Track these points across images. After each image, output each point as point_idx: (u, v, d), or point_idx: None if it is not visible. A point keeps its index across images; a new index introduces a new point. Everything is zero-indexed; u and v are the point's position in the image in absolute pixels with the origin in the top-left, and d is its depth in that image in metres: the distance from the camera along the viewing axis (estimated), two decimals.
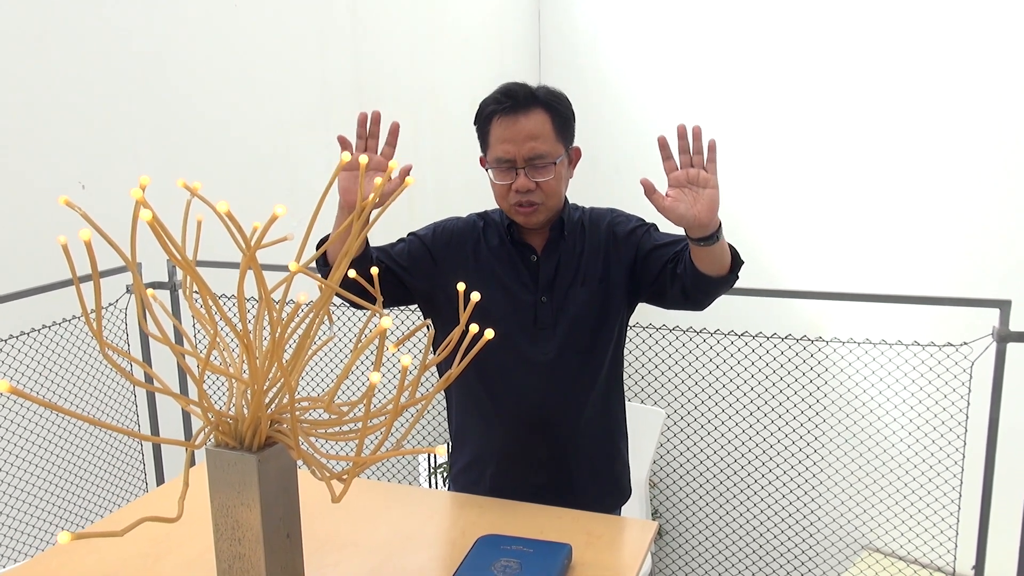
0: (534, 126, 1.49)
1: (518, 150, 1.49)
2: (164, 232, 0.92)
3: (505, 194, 1.53)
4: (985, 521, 2.03)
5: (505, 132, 1.50)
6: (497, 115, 1.51)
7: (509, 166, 1.51)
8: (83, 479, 2.51)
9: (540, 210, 1.53)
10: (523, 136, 1.49)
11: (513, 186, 1.51)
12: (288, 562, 1.08)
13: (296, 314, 1.02)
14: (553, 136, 1.51)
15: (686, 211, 1.36)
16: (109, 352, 0.97)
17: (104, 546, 1.33)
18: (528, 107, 1.50)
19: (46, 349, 2.35)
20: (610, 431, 1.69)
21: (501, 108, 1.51)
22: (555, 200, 1.55)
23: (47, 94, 2.37)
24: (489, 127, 1.53)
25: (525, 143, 1.49)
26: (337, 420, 1.07)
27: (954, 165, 3.32)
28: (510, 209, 1.55)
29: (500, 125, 1.51)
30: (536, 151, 1.49)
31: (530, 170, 1.50)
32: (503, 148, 1.50)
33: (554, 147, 1.51)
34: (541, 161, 1.50)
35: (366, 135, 1.41)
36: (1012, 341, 1.94)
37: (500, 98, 1.52)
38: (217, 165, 2.88)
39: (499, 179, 1.53)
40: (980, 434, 2.02)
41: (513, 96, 1.51)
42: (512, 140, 1.49)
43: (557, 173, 1.52)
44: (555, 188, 1.53)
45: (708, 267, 1.43)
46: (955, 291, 3.27)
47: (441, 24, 3.89)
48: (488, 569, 1.19)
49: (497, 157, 1.51)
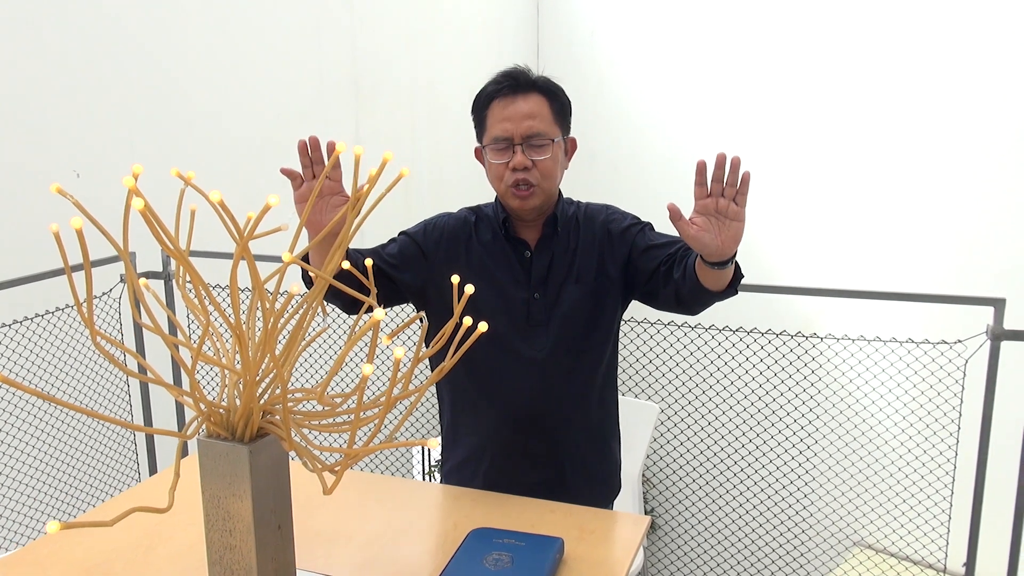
0: (532, 107, 1.51)
1: (516, 128, 1.50)
2: (156, 221, 0.91)
3: (501, 174, 1.53)
4: (977, 518, 2.03)
5: (504, 111, 1.52)
6: (496, 97, 1.53)
7: (507, 144, 1.52)
8: (75, 469, 2.50)
9: (536, 193, 1.53)
10: (521, 115, 1.51)
11: (510, 164, 1.51)
12: (279, 553, 1.08)
13: (289, 305, 1.02)
14: (551, 118, 1.53)
15: (710, 241, 1.33)
16: (101, 342, 0.96)
17: (96, 536, 1.33)
18: (527, 90, 1.52)
19: (38, 338, 2.34)
20: (603, 429, 1.68)
21: (500, 89, 1.53)
22: (550, 183, 1.55)
23: (42, 82, 2.36)
24: (487, 110, 1.55)
25: (523, 121, 1.50)
26: (329, 412, 1.07)
27: (949, 163, 3.33)
28: (506, 192, 1.54)
29: (499, 106, 1.53)
30: (534, 129, 1.50)
31: (527, 148, 1.51)
32: (501, 127, 1.51)
33: (551, 128, 1.53)
34: (539, 139, 1.51)
35: (310, 163, 1.39)
36: (1006, 339, 1.95)
37: (500, 79, 1.54)
38: (212, 155, 2.87)
39: (496, 158, 1.53)
40: (973, 432, 2.02)
41: (513, 78, 1.53)
42: (510, 119, 1.51)
43: (554, 155, 1.53)
44: (551, 170, 1.53)
45: (711, 283, 1.43)
46: (950, 289, 3.28)
47: (438, 17, 3.87)
48: (480, 562, 1.18)
49: (495, 136, 1.52)
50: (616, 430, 1.73)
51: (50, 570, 1.25)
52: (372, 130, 3.43)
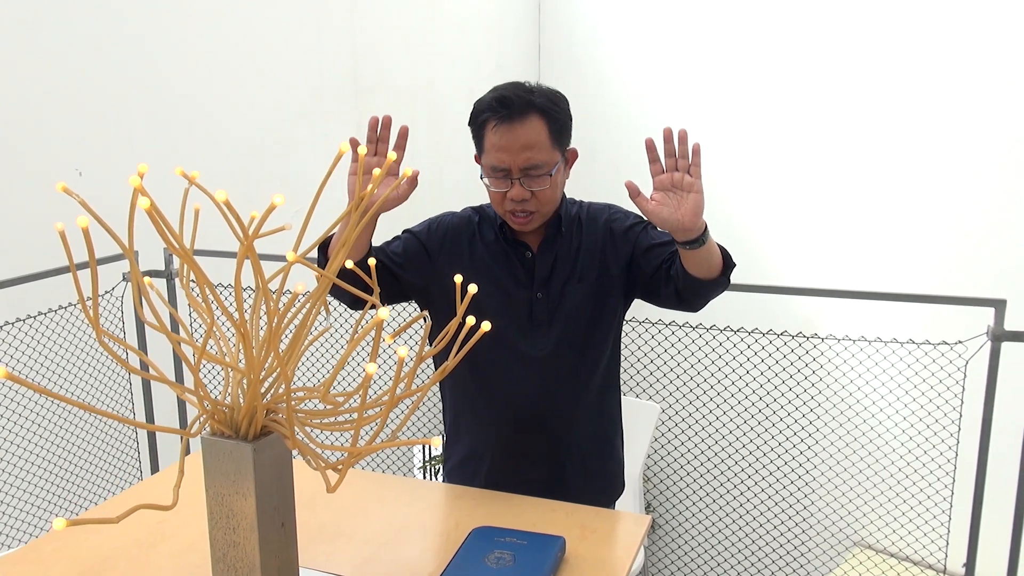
0: (529, 135, 1.45)
1: (513, 160, 1.46)
2: (162, 219, 0.92)
3: (500, 201, 1.52)
4: (977, 519, 2.04)
5: (500, 140, 1.46)
6: (492, 122, 1.47)
7: (504, 175, 1.48)
8: (78, 467, 2.51)
9: (535, 218, 1.52)
10: (519, 146, 1.45)
11: (508, 195, 1.49)
12: (282, 551, 1.09)
13: (293, 304, 1.02)
14: (549, 144, 1.48)
15: (670, 215, 1.36)
16: (106, 340, 0.97)
17: (99, 533, 1.33)
18: (524, 114, 1.45)
19: (42, 336, 2.35)
20: (605, 428, 1.68)
21: (496, 116, 1.46)
22: (550, 207, 1.53)
23: (44, 81, 2.36)
24: (484, 132, 1.50)
25: (520, 153, 1.45)
26: (333, 410, 1.07)
27: (950, 163, 3.33)
28: (505, 215, 1.54)
29: (495, 133, 1.47)
30: (532, 161, 1.46)
31: (525, 180, 1.47)
32: (498, 157, 1.47)
33: (550, 155, 1.48)
34: (536, 171, 1.47)
35: (376, 139, 1.41)
36: (1007, 340, 1.95)
37: (495, 105, 1.47)
38: (214, 155, 2.88)
39: (494, 187, 1.51)
40: (973, 433, 2.03)
41: (508, 105, 1.45)
42: (507, 149, 1.46)
43: (553, 181, 1.50)
44: (551, 196, 1.51)
45: (697, 269, 1.43)
46: (950, 290, 3.28)
47: (439, 16, 3.87)
48: (482, 561, 1.19)
49: (492, 165, 1.48)
50: (619, 429, 1.74)
51: (53, 568, 1.25)
52: None
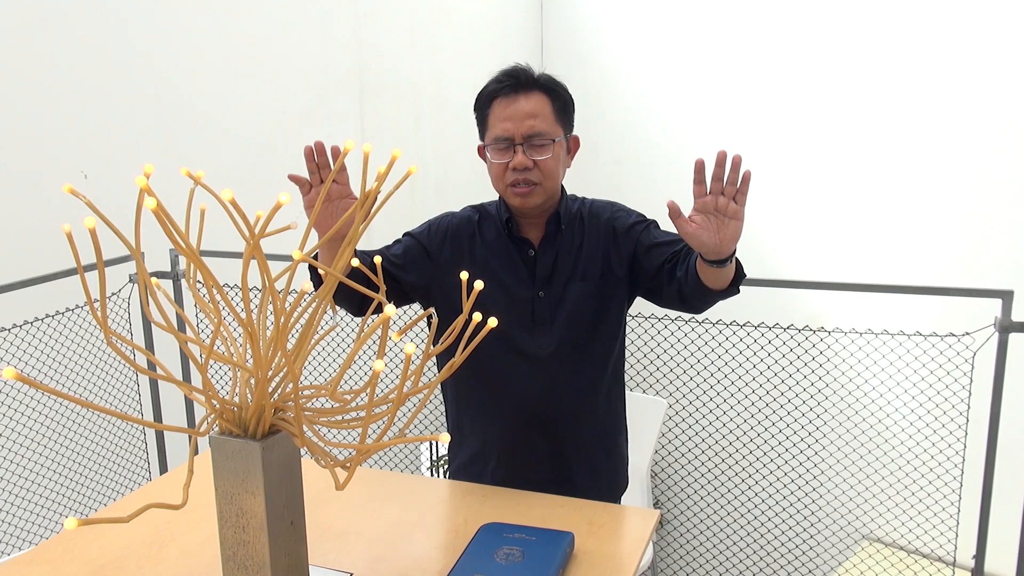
0: (534, 106, 1.51)
1: (517, 128, 1.50)
2: (168, 220, 0.92)
3: (502, 174, 1.53)
4: (986, 511, 2.03)
5: (505, 111, 1.51)
6: (498, 95, 1.53)
7: (507, 144, 1.51)
8: (88, 468, 2.52)
9: (537, 191, 1.53)
10: (522, 114, 1.50)
11: (511, 164, 1.51)
12: (292, 549, 1.09)
13: (300, 302, 1.02)
14: (552, 118, 1.52)
15: (708, 239, 1.33)
16: (115, 341, 0.97)
17: (109, 533, 1.34)
18: (529, 88, 1.52)
19: (49, 338, 2.36)
20: (609, 426, 1.68)
21: (501, 88, 1.52)
22: (552, 182, 1.54)
23: (49, 85, 2.37)
24: (489, 109, 1.54)
25: (524, 121, 1.50)
26: (341, 408, 1.07)
27: (956, 155, 3.31)
28: (506, 190, 1.55)
29: (500, 104, 1.52)
30: (535, 129, 1.50)
31: (528, 148, 1.50)
32: (502, 126, 1.51)
33: (553, 127, 1.52)
34: (539, 139, 1.50)
35: (316, 168, 1.40)
36: (1014, 331, 1.94)
37: (501, 78, 1.54)
38: (219, 155, 2.88)
39: (497, 158, 1.53)
40: (981, 425, 2.02)
41: (514, 76, 1.52)
42: (511, 118, 1.50)
43: (555, 154, 1.52)
44: (553, 169, 1.52)
45: (712, 281, 1.43)
46: (957, 281, 3.27)
47: (443, 13, 3.87)
48: (491, 557, 1.19)
49: (496, 136, 1.52)
50: (623, 427, 1.73)
51: (65, 567, 1.26)
52: (376, 128, 3.43)
